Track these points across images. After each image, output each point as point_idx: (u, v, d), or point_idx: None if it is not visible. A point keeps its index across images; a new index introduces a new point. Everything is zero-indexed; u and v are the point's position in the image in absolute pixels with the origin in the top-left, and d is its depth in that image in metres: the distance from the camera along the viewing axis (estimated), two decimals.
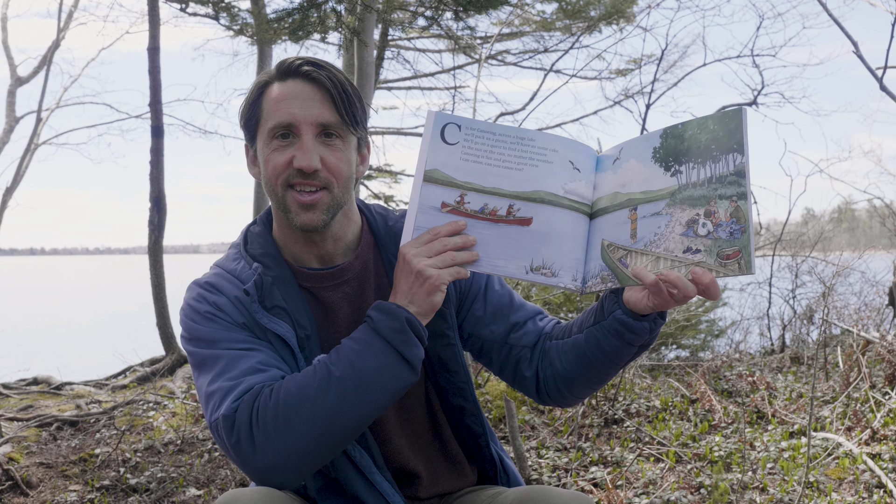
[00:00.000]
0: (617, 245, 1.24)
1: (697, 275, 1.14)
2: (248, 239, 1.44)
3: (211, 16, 6.29)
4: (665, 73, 7.77)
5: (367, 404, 1.22)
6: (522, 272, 1.26)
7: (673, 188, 1.20)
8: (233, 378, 1.25)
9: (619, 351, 1.29)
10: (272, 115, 1.32)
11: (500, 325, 1.45)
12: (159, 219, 6.61)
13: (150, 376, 6.15)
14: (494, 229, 1.26)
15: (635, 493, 3.13)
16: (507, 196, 1.26)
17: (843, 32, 3.42)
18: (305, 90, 1.32)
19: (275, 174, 1.32)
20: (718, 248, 1.14)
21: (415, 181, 1.28)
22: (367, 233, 1.46)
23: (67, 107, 14.30)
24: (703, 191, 1.17)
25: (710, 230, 1.16)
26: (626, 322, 1.25)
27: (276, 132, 1.32)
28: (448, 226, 1.26)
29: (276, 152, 1.32)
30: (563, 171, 1.27)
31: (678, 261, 1.18)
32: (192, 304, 1.36)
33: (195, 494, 3.19)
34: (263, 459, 1.20)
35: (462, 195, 1.27)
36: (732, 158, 1.15)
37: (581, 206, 1.28)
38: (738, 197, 1.14)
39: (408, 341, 1.23)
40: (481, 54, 7.47)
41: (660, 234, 1.20)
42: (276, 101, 1.32)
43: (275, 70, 1.36)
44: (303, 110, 1.31)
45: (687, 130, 1.20)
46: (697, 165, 1.18)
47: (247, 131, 1.39)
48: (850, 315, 7.17)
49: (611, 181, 1.27)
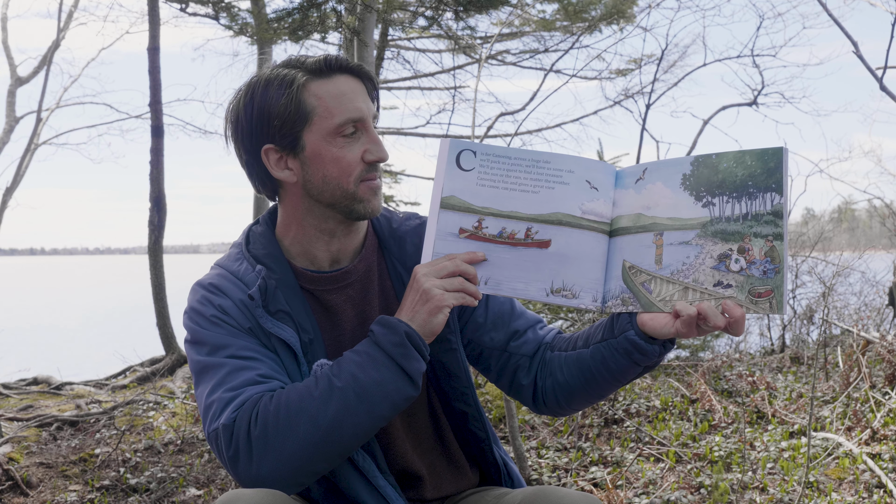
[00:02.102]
0: (640, 269, 1.24)
1: (729, 308, 1.15)
2: (251, 239, 1.42)
3: (211, 16, 6.29)
4: (665, 73, 7.77)
5: (368, 415, 1.22)
6: (543, 294, 1.27)
7: (704, 219, 1.20)
8: (233, 388, 1.24)
9: (624, 370, 1.29)
10: (337, 111, 1.30)
11: (501, 332, 1.45)
12: (159, 219, 6.61)
13: (150, 376, 6.15)
14: (513, 253, 1.27)
15: (635, 493, 3.13)
16: (525, 219, 1.27)
17: (843, 32, 3.42)
18: (356, 85, 1.34)
19: (348, 171, 1.32)
20: (750, 285, 1.15)
21: (431, 208, 1.29)
22: (372, 235, 1.46)
23: (67, 107, 14.28)
24: (738, 226, 1.17)
25: (742, 266, 1.16)
26: (638, 344, 1.24)
27: (345, 129, 1.31)
28: (466, 254, 1.27)
29: (346, 149, 1.31)
30: (580, 192, 1.27)
31: (708, 293, 1.18)
32: (196, 307, 1.34)
33: (195, 494, 3.19)
34: (260, 468, 1.19)
35: (480, 220, 1.28)
36: (770, 198, 1.16)
37: (600, 225, 1.28)
38: (774, 237, 1.15)
39: (408, 355, 1.23)
40: (481, 54, 7.47)
41: (689, 265, 1.20)
42: (337, 97, 1.31)
43: (317, 66, 1.32)
44: (365, 104, 1.33)
45: (722, 162, 1.20)
46: (732, 200, 1.18)
47: (285, 136, 1.31)
48: (850, 315, 7.17)
49: (633, 201, 1.26)
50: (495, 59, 9.03)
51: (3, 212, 12.15)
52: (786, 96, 7.82)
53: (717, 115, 7.60)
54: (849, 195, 26.76)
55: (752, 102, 7.50)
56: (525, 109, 7.26)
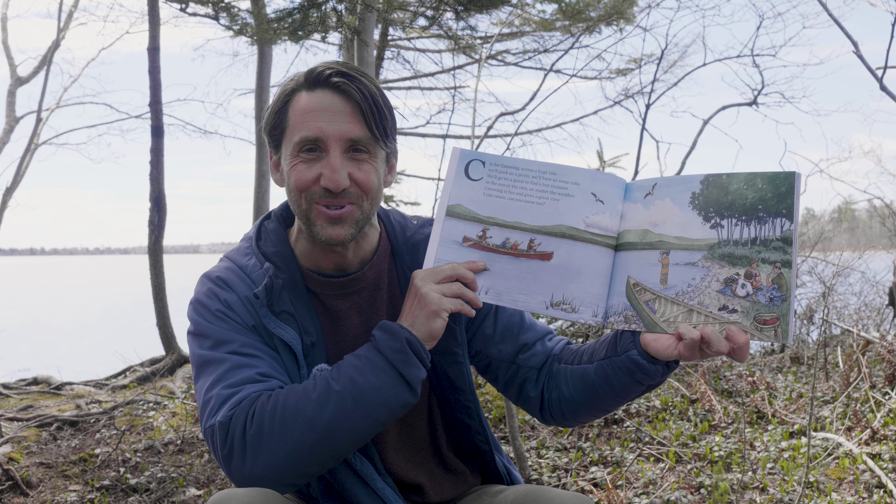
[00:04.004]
0: (645, 287, 1.23)
1: (733, 334, 1.14)
2: (262, 234, 1.41)
3: (211, 16, 6.29)
4: (665, 72, 7.76)
5: (365, 420, 1.21)
6: (542, 307, 1.26)
7: (712, 241, 1.18)
8: (233, 385, 1.24)
9: (627, 387, 1.28)
10: (299, 127, 1.27)
11: (509, 344, 1.44)
12: (159, 219, 6.61)
13: (150, 376, 6.15)
14: (515, 264, 1.27)
15: (635, 493, 3.13)
16: (529, 230, 1.27)
17: (843, 32, 3.42)
18: (335, 102, 1.27)
19: (299, 189, 1.28)
20: (756, 311, 1.14)
21: (437, 215, 1.30)
22: (385, 241, 1.44)
23: (67, 107, 14.29)
24: (745, 251, 1.16)
25: (749, 292, 1.15)
26: (640, 364, 1.24)
27: (303, 146, 1.27)
28: (467, 263, 1.26)
29: (303, 166, 1.28)
30: (584, 205, 1.26)
31: (713, 317, 1.17)
32: (202, 299, 1.34)
33: (195, 494, 3.19)
34: (253, 467, 1.19)
35: (484, 230, 1.28)
36: (780, 223, 1.14)
37: (604, 238, 1.26)
38: (782, 264, 1.13)
39: (407, 361, 1.23)
40: (481, 54, 7.47)
41: (694, 287, 1.19)
42: (303, 112, 1.27)
43: (303, 77, 1.30)
44: (331, 125, 1.26)
45: (732, 183, 1.18)
46: (741, 223, 1.17)
47: (271, 139, 1.34)
48: (850, 315, 7.17)
49: (641, 216, 1.25)
50: (495, 59, 9.04)
51: (3, 212, 12.15)
52: (786, 96, 7.82)
53: (717, 115, 7.59)
54: (849, 195, 26.74)
55: (752, 102, 7.50)
56: (525, 109, 7.27)
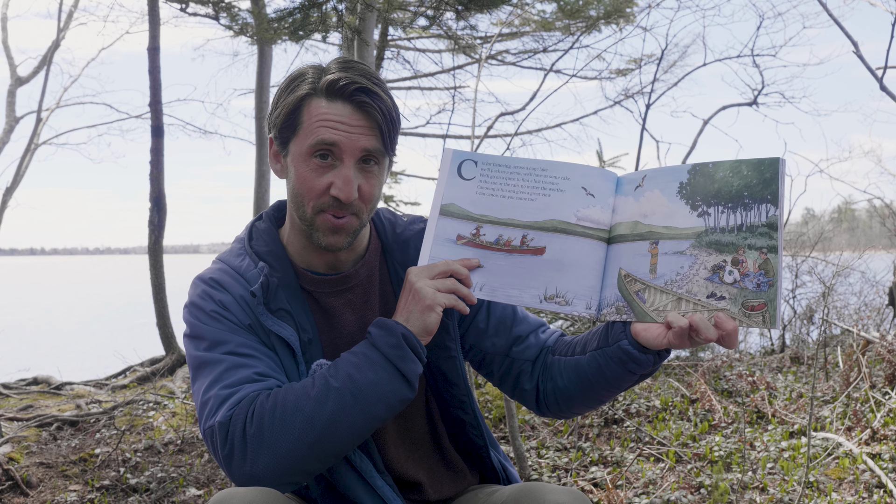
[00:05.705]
0: (635, 277, 1.24)
1: (721, 321, 1.14)
2: (253, 235, 1.41)
3: (211, 16, 6.28)
4: (665, 72, 7.76)
5: (364, 416, 1.22)
6: (536, 301, 1.28)
7: (699, 229, 1.19)
8: (231, 386, 1.24)
9: (620, 377, 1.29)
10: (315, 131, 1.27)
11: (503, 337, 1.45)
12: (159, 219, 6.61)
13: (150, 376, 6.15)
14: (509, 259, 1.29)
15: (635, 493, 3.13)
16: (521, 226, 1.29)
17: (843, 32, 3.42)
18: (354, 116, 1.27)
19: (310, 196, 1.29)
20: (744, 297, 1.14)
21: (431, 214, 1.32)
22: (375, 239, 1.46)
23: (67, 107, 14.28)
24: (732, 238, 1.16)
25: (736, 279, 1.15)
26: (631, 353, 1.25)
27: (317, 150, 1.28)
28: (461, 260, 1.28)
29: (315, 173, 1.28)
30: (575, 199, 1.28)
31: (701, 305, 1.17)
32: (196, 301, 1.34)
33: (195, 494, 3.20)
34: (254, 466, 1.20)
35: (478, 227, 1.30)
36: (765, 209, 1.15)
37: (596, 232, 1.28)
38: (768, 249, 1.14)
39: (404, 357, 1.24)
40: (481, 54, 7.47)
41: (682, 275, 1.20)
42: (321, 118, 1.27)
43: (323, 85, 1.28)
44: (349, 137, 1.27)
45: (718, 171, 1.19)
46: (727, 210, 1.17)
47: (279, 136, 1.34)
48: (850, 315, 7.18)
49: (632, 208, 1.26)
50: (495, 59, 9.03)
51: (3, 212, 12.15)
52: (786, 96, 7.81)
53: (718, 115, 7.59)
54: (849, 195, 26.77)
55: (752, 102, 7.50)
56: (525, 109, 7.26)
